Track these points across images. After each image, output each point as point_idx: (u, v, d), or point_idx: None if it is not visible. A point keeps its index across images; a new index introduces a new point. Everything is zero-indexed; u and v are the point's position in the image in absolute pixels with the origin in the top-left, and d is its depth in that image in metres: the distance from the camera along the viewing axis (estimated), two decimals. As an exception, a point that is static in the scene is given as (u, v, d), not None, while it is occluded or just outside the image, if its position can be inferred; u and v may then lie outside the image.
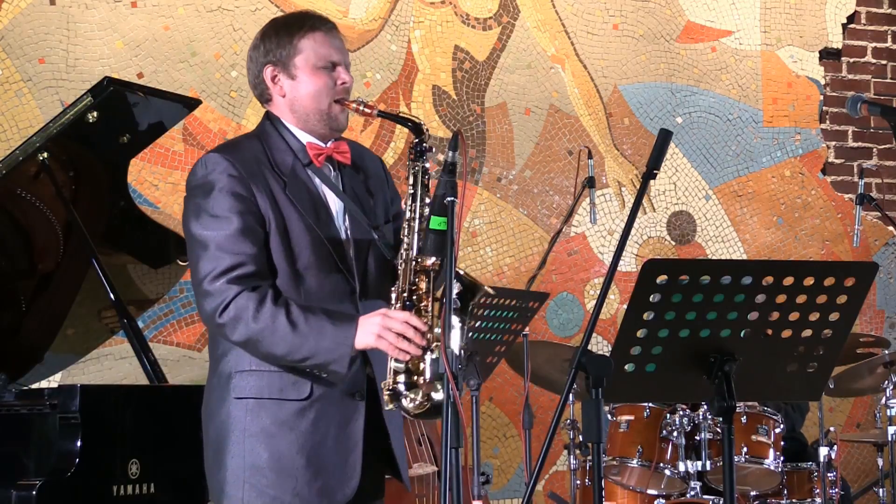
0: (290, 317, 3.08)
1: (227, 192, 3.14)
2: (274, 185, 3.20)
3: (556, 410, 2.82)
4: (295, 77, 3.25)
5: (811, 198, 7.11)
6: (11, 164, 4.12)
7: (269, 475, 3.15)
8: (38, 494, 3.67)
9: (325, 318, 3.10)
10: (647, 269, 2.80)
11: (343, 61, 3.29)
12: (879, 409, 5.35)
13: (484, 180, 6.46)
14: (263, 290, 3.11)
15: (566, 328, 6.53)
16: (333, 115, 3.27)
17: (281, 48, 3.26)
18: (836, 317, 2.93)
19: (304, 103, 3.26)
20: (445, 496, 2.88)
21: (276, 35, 3.28)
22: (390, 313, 3.09)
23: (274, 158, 3.24)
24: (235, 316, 3.09)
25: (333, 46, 3.28)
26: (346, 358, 3.09)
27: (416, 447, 5.00)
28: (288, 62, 3.25)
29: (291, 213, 3.19)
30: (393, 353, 3.08)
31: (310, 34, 3.25)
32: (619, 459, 5.01)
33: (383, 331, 3.07)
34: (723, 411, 2.89)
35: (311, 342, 3.08)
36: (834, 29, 7.22)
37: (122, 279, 4.55)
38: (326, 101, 3.25)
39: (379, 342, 3.07)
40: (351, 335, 3.08)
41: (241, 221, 3.13)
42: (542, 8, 6.63)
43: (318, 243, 3.19)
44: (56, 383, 4.74)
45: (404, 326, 3.07)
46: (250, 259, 3.12)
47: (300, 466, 3.15)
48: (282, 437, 3.16)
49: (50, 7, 5.69)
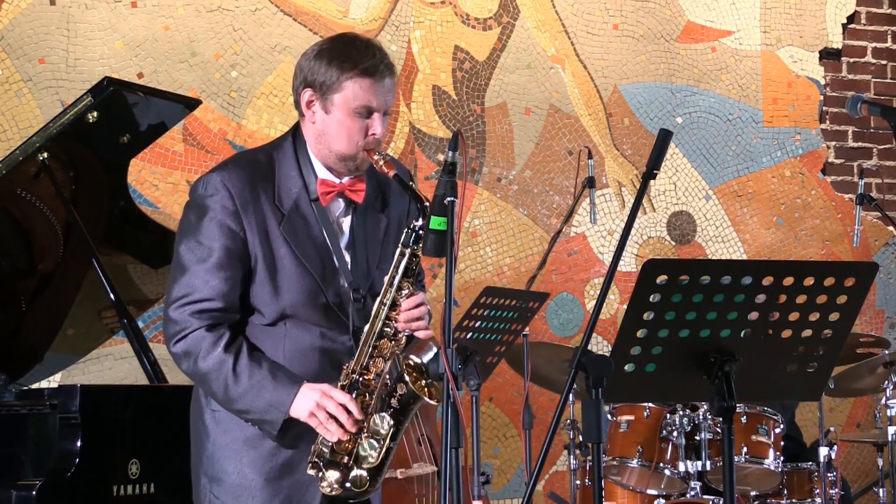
0: (236, 368, 3.11)
1: (216, 222, 3.15)
2: (270, 218, 3.18)
3: (556, 410, 2.81)
4: (329, 112, 3.18)
5: (811, 198, 7.11)
6: (11, 164, 4.12)
7: (229, 489, 3.20)
8: (38, 494, 3.67)
9: (268, 377, 3.11)
10: (647, 269, 2.80)
11: (382, 108, 3.19)
12: (879, 409, 5.35)
13: (484, 180, 6.46)
14: (221, 330, 3.14)
15: (566, 328, 6.53)
16: (357, 162, 3.22)
17: (326, 78, 3.17)
18: (836, 317, 2.93)
19: (330, 141, 3.20)
20: (445, 496, 2.88)
21: (328, 62, 3.17)
22: (330, 392, 3.10)
23: (280, 186, 3.21)
24: (186, 350, 3.14)
25: (377, 93, 3.17)
26: (279, 423, 3.11)
27: (416, 447, 5.00)
28: (328, 94, 3.17)
29: (283, 251, 3.18)
30: (321, 431, 3.10)
31: (358, 79, 3.15)
32: (619, 459, 5.01)
33: (316, 408, 3.08)
34: (723, 411, 2.88)
35: (247, 398, 3.11)
36: (834, 29, 7.22)
37: (122, 279, 4.55)
38: (353, 148, 3.19)
39: (310, 419, 3.09)
40: (287, 402, 3.10)
41: (223, 258, 3.14)
42: (542, 8, 6.63)
43: (307, 281, 3.18)
44: (56, 383, 4.74)
45: (338, 409, 3.08)
46: (220, 296, 3.14)
47: (258, 486, 3.18)
48: (245, 455, 3.19)
49: (50, 7, 5.69)
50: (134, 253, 4.61)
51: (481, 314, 4.45)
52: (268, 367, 3.12)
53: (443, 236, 3.00)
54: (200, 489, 3.26)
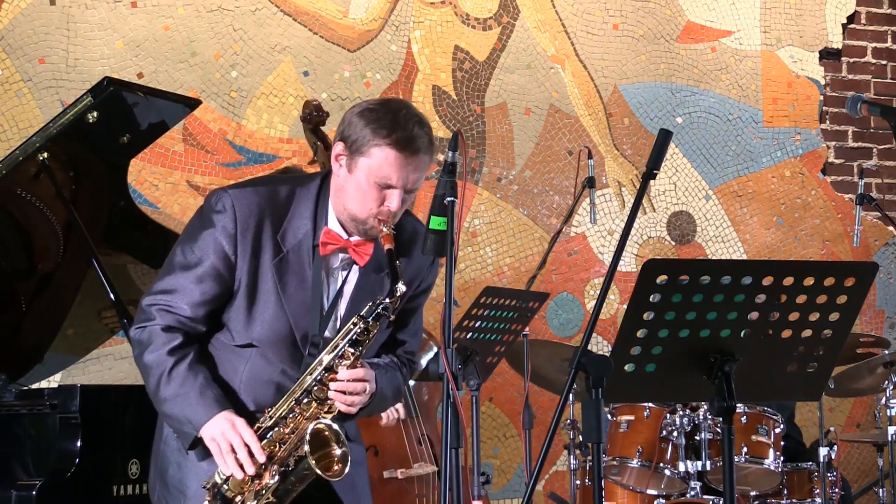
0: (172, 372, 3.15)
1: (213, 239, 3.18)
2: (266, 251, 3.19)
3: (556, 410, 2.81)
4: (352, 173, 3.16)
5: (811, 198, 7.11)
6: (11, 164, 4.12)
7: (170, 490, 3.23)
8: (38, 494, 3.68)
9: (195, 391, 3.13)
10: (647, 269, 2.80)
11: (402, 185, 3.14)
12: (879, 409, 5.35)
13: (484, 180, 6.46)
14: (176, 334, 3.18)
15: (566, 328, 6.53)
16: (368, 227, 3.19)
17: (359, 137, 3.14)
18: (836, 317, 2.93)
19: (346, 200, 3.19)
20: (445, 496, 2.88)
21: (366, 123, 3.13)
22: (240, 427, 3.10)
23: (289, 224, 3.21)
24: (139, 339, 3.19)
25: (401, 169, 3.12)
26: (190, 437, 3.13)
27: (417, 447, 5.00)
28: (355, 155, 3.14)
29: (267, 283, 3.18)
30: (217, 461, 3.11)
31: (387, 149, 3.11)
32: (619, 459, 5.01)
33: (221, 437, 3.09)
34: (723, 411, 2.88)
35: (171, 404, 3.15)
36: (834, 29, 7.22)
37: (122, 279, 4.55)
38: (364, 214, 3.16)
39: (211, 444, 3.11)
40: (201, 422, 3.11)
41: (207, 274, 3.17)
42: (542, 8, 6.63)
43: (281, 320, 3.19)
44: (56, 383, 4.74)
45: (241, 446, 3.08)
46: (192, 305, 3.18)
47: (190, 492, 3.19)
48: (184, 460, 3.21)
49: (50, 7, 5.69)
50: (134, 253, 4.61)
51: (481, 314, 4.44)
52: (201, 381, 3.15)
53: (443, 236, 3.00)
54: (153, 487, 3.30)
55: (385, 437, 4.90)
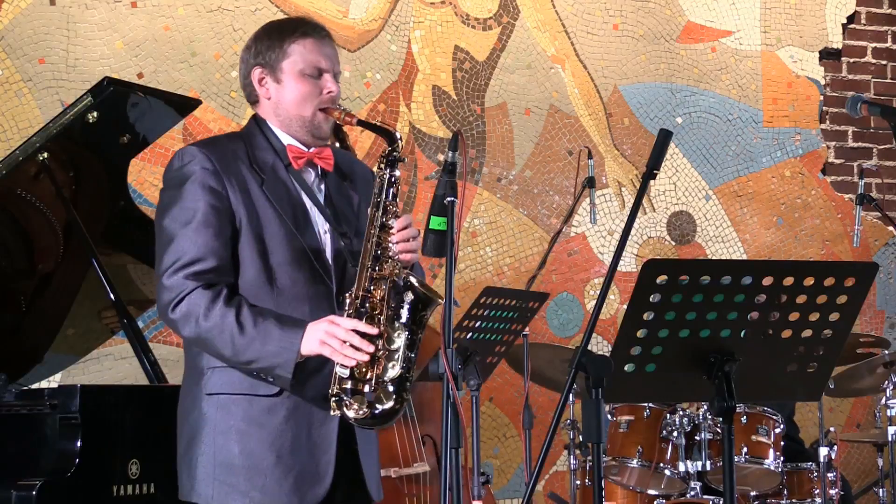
0: (240, 318, 3.08)
1: (198, 183, 3.16)
2: (250, 180, 3.20)
3: (556, 410, 2.82)
4: (281, 81, 3.25)
5: (811, 198, 7.12)
6: (11, 164, 4.12)
7: (240, 472, 3.15)
8: (38, 494, 3.67)
9: (273, 323, 3.09)
10: (647, 269, 2.80)
11: (332, 69, 3.27)
12: (879, 409, 5.35)
13: (484, 180, 6.46)
14: (218, 288, 3.12)
15: (566, 328, 6.53)
16: (316, 123, 3.25)
17: (270, 51, 3.26)
18: (836, 317, 2.93)
19: (288, 108, 3.26)
20: (445, 496, 2.88)
21: (267, 38, 3.29)
22: (337, 319, 3.07)
23: (255, 156, 3.24)
24: (187, 312, 3.10)
25: (323, 54, 3.27)
26: (291, 363, 3.07)
27: (414, 447, 5.00)
28: (276, 66, 3.25)
29: (266, 210, 3.19)
30: (337, 358, 3.06)
31: (300, 40, 3.26)
32: (619, 459, 5.01)
33: (328, 337, 3.05)
34: (723, 411, 2.89)
35: (256, 345, 3.07)
36: (834, 29, 7.22)
37: (122, 279, 4.55)
38: (310, 109, 3.24)
39: (322, 348, 3.05)
40: (297, 341, 3.07)
41: (209, 215, 3.14)
42: (542, 8, 6.63)
43: (293, 241, 3.19)
44: (56, 383, 4.74)
45: (349, 334, 3.05)
46: (211, 254, 3.13)
47: (269, 464, 3.14)
48: (252, 434, 3.15)
49: (50, 7, 5.69)
50: (134, 253, 4.61)
51: (481, 314, 4.45)
52: (272, 314, 3.11)
53: (443, 236, 3.01)
54: (196, 479, 3.18)
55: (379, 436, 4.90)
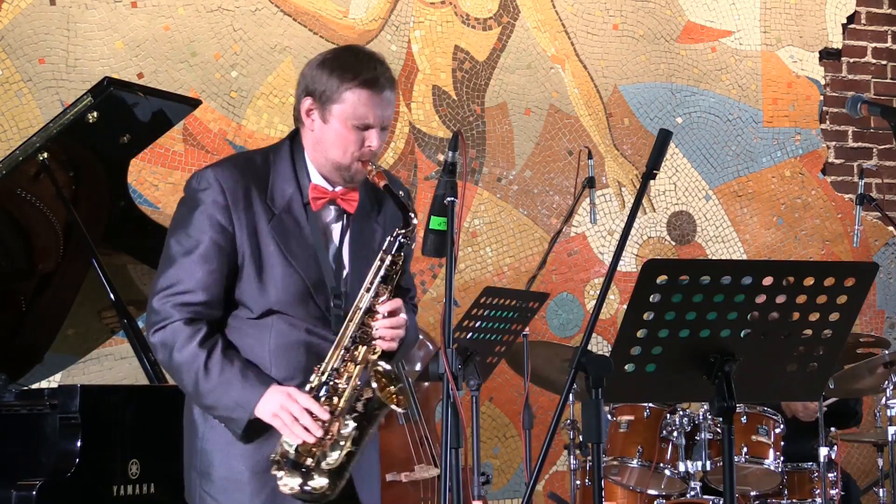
0: (208, 363, 3.12)
1: (206, 215, 3.17)
2: (260, 216, 3.19)
3: (556, 410, 2.82)
4: (328, 122, 3.20)
5: (811, 198, 7.12)
6: (11, 164, 4.12)
7: (219, 484, 3.20)
8: (38, 494, 3.67)
9: (237, 376, 3.12)
10: (647, 269, 2.80)
11: (379, 123, 3.20)
12: (879, 409, 5.35)
13: (484, 180, 6.46)
14: (199, 325, 3.15)
15: (566, 328, 6.53)
16: (353, 171, 3.23)
17: (326, 89, 3.19)
18: (836, 317, 2.93)
19: (326, 150, 3.22)
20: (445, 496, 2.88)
21: (329, 73, 3.20)
22: (295, 394, 3.10)
23: (273, 186, 3.23)
24: (163, 341, 3.16)
25: (375, 107, 3.18)
26: (243, 422, 3.12)
27: (419, 449, 5.00)
28: (326, 105, 3.19)
29: (270, 247, 3.19)
30: (285, 433, 3.10)
31: (357, 90, 3.17)
32: (619, 459, 5.01)
33: (281, 411, 3.08)
34: (723, 411, 2.89)
35: (216, 394, 3.12)
36: (834, 29, 7.22)
37: (122, 279, 4.55)
38: (348, 158, 3.20)
39: (274, 420, 3.10)
40: (253, 402, 3.10)
41: (210, 250, 3.16)
42: (542, 8, 6.63)
43: (294, 279, 3.18)
44: (56, 383, 4.74)
45: (302, 413, 3.08)
46: (202, 289, 3.16)
47: (245, 479, 3.18)
48: (233, 448, 3.19)
49: (50, 7, 5.69)
50: (134, 253, 4.61)
51: (481, 314, 4.45)
52: (239, 366, 3.14)
53: (443, 236, 3.01)
54: (192, 487, 3.27)
55: (388, 439, 4.89)
